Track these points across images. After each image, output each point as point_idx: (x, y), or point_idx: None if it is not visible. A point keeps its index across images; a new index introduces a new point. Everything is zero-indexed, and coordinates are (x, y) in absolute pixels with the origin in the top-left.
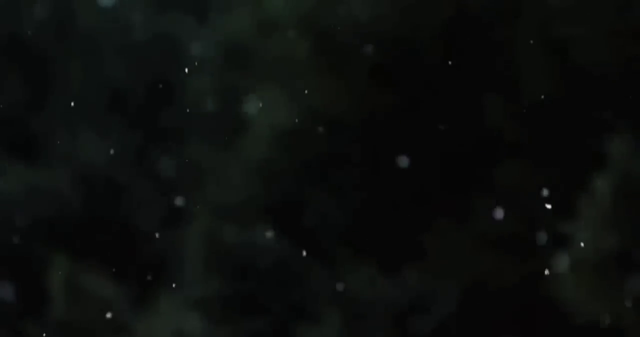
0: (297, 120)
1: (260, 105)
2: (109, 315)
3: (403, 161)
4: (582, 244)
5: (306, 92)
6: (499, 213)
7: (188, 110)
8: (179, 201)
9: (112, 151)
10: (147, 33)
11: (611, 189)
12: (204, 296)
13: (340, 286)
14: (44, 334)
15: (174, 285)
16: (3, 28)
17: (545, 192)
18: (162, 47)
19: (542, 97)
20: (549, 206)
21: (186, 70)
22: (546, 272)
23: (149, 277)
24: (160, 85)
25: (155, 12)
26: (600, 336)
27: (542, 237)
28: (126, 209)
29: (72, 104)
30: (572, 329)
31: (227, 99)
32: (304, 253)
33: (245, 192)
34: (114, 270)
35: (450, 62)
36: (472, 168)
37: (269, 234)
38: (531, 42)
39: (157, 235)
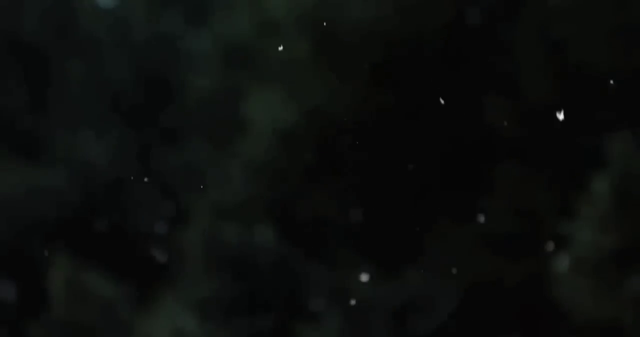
0: (297, 120)
1: (261, 105)
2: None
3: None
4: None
5: (306, 92)
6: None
7: (188, 111)
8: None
9: (112, 151)
10: (147, 33)
11: (611, 189)
12: (204, 296)
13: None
14: (45, 334)
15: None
16: (3, 28)
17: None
18: (162, 47)
19: (542, 97)
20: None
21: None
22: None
23: (149, 277)
24: (161, 85)
25: (155, 12)
26: (600, 336)
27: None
28: (126, 209)
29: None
30: (572, 329)
31: (227, 99)
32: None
33: (245, 192)
34: (114, 270)
35: (450, 62)
36: (472, 168)
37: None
38: (531, 42)
39: (157, 235)
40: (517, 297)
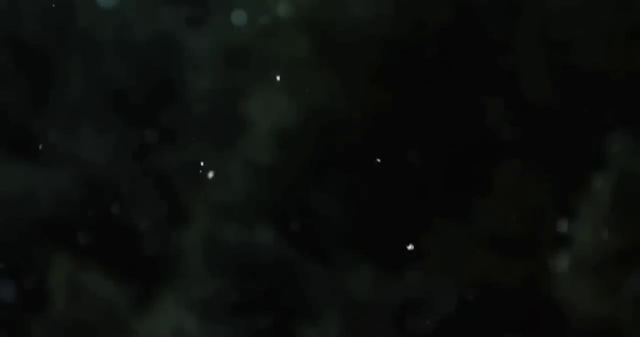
0: (297, 120)
1: (261, 105)
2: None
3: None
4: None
5: (306, 92)
6: None
7: (188, 111)
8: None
9: (112, 151)
10: (147, 33)
11: (611, 189)
12: (204, 296)
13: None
14: (44, 334)
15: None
16: (3, 28)
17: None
18: (162, 47)
19: (542, 97)
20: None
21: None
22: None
23: (149, 277)
24: (161, 85)
25: (156, 12)
26: (600, 336)
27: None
28: (126, 209)
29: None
30: (572, 329)
31: (227, 99)
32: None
33: (245, 192)
34: (114, 270)
35: (450, 62)
36: (472, 168)
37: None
38: (531, 42)
39: (157, 235)
40: (517, 297)
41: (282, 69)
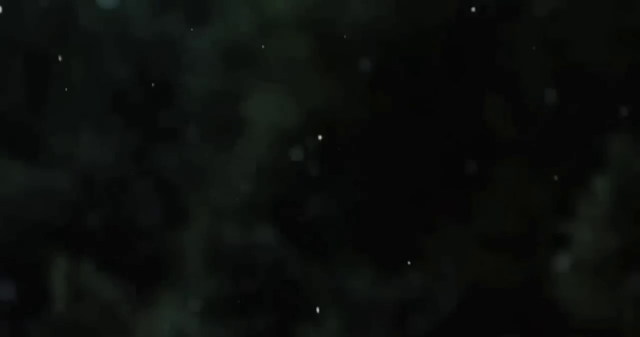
0: (297, 120)
1: (261, 105)
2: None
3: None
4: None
5: (306, 92)
6: None
7: (188, 111)
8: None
9: (112, 151)
10: (147, 33)
11: (611, 189)
12: (203, 296)
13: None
14: (45, 334)
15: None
16: (3, 28)
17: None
18: (163, 47)
19: (542, 97)
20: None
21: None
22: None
23: (149, 277)
24: (160, 86)
25: (156, 13)
26: (600, 336)
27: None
28: (126, 209)
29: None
30: (572, 329)
31: (227, 99)
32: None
33: (245, 192)
34: (114, 270)
35: (450, 63)
36: (472, 168)
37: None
38: (531, 42)
39: (157, 235)
40: (517, 297)
41: (282, 69)
